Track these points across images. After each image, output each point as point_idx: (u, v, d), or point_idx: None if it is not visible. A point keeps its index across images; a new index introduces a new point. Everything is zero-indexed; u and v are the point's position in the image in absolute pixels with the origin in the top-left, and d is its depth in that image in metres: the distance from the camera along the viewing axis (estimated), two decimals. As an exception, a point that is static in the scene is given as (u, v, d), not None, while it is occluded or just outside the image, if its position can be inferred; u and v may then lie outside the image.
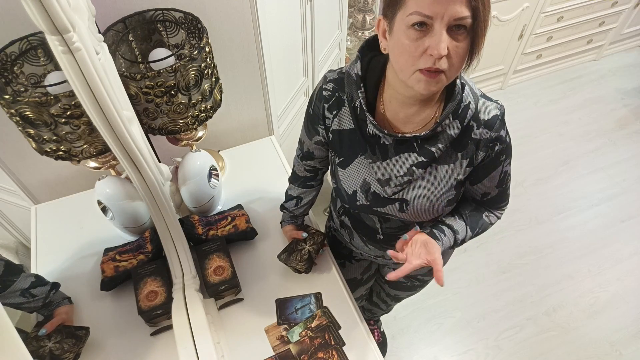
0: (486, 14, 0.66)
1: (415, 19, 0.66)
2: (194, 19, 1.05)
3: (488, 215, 0.97)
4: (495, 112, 0.81)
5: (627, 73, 3.16)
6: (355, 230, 1.08)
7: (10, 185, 1.31)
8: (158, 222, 1.05)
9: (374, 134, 0.85)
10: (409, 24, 0.67)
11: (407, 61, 0.70)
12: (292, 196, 1.17)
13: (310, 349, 1.06)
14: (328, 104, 0.90)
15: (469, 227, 0.94)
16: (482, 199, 0.94)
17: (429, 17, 0.65)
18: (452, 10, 0.64)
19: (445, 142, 0.82)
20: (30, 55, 0.98)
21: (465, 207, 0.97)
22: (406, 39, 0.68)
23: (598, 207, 2.41)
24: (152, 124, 1.05)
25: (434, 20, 0.65)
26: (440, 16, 0.64)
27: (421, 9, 0.65)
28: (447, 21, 0.65)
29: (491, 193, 0.93)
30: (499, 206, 0.98)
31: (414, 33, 0.67)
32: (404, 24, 0.68)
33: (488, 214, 0.97)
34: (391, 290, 1.39)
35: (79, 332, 1.02)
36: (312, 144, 1.00)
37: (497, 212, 0.99)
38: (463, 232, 0.93)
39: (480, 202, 0.96)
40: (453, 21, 0.65)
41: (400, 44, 0.70)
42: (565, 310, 2.03)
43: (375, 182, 0.90)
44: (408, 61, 0.70)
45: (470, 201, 0.97)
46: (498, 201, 0.96)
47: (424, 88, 0.72)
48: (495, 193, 0.93)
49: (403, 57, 0.71)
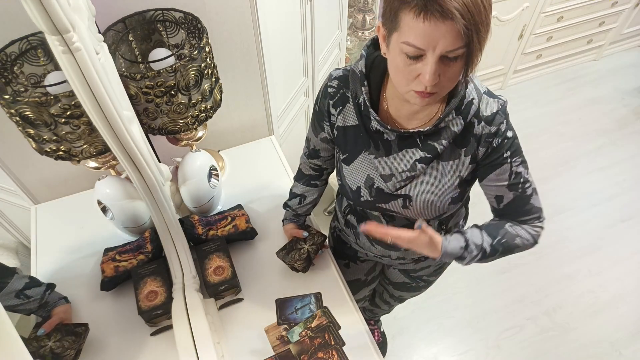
0: (482, 38, 0.65)
1: (407, 50, 0.67)
2: (194, 19, 1.05)
3: (512, 226, 0.89)
4: (496, 108, 0.81)
5: (627, 73, 3.16)
6: None
7: (10, 185, 1.31)
8: (158, 222, 1.05)
9: (377, 130, 0.86)
10: (401, 50, 0.68)
11: (401, 81, 0.73)
12: (296, 194, 1.17)
13: (310, 349, 1.06)
14: (333, 100, 0.91)
15: (484, 233, 0.87)
16: (499, 205, 0.89)
17: (420, 50, 0.66)
18: (444, 43, 0.64)
19: (448, 138, 0.82)
20: (30, 55, 0.98)
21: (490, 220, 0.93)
22: (400, 61, 0.70)
23: (598, 207, 2.41)
24: (152, 124, 1.05)
25: (426, 51, 0.66)
26: (432, 48, 0.65)
27: (413, 40, 0.65)
28: (438, 53, 0.65)
29: (505, 196, 0.87)
30: (527, 219, 0.89)
31: (407, 60, 0.68)
32: (398, 47, 0.69)
33: (512, 225, 0.89)
34: (395, 292, 1.38)
35: (78, 328, 1.02)
36: (318, 141, 1.01)
37: (528, 227, 0.89)
38: (477, 238, 0.87)
39: (499, 210, 0.91)
40: (445, 52, 0.65)
41: (395, 63, 0.72)
42: (565, 310, 2.03)
43: (379, 178, 0.91)
44: (402, 81, 0.72)
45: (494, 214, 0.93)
46: (521, 211, 0.88)
47: (419, 103, 0.74)
48: (511, 198, 0.87)
49: (397, 76, 0.73)
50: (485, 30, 0.65)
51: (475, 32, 0.63)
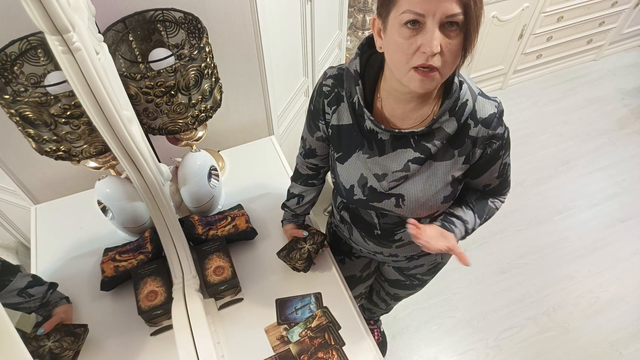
0: (478, 10, 0.67)
1: (408, 17, 0.67)
2: (194, 19, 1.05)
3: (493, 201, 1.00)
4: (493, 110, 0.82)
5: (627, 73, 3.16)
6: (354, 225, 1.09)
7: (10, 185, 1.31)
8: (158, 222, 1.05)
9: (371, 130, 0.87)
10: (401, 22, 0.68)
11: (401, 59, 0.72)
12: (294, 194, 1.17)
13: (310, 349, 1.06)
14: (328, 99, 0.92)
15: (477, 215, 0.97)
16: (485, 189, 0.97)
17: (420, 15, 0.66)
18: (443, 7, 0.65)
19: (442, 138, 0.83)
20: (30, 55, 0.98)
21: (470, 195, 0.99)
22: (399, 37, 0.70)
23: (598, 207, 2.41)
24: (152, 124, 1.05)
25: (425, 17, 0.66)
26: (432, 13, 0.66)
27: (413, 7, 0.66)
28: (438, 18, 0.66)
29: (492, 184, 0.95)
30: (502, 192, 1.01)
31: (407, 31, 0.68)
32: (397, 23, 0.69)
33: (493, 200, 1.00)
34: (391, 289, 1.39)
35: (77, 329, 1.02)
36: (313, 140, 1.02)
37: (501, 197, 1.02)
38: (472, 221, 0.96)
39: (483, 192, 0.99)
40: (445, 18, 0.66)
41: (394, 42, 0.71)
42: (565, 310, 2.03)
43: (372, 177, 0.91)
44: (402, 59, 0.71)
45: (473, 191, 1.00)
46: (500, 189, 0.99)
47: (419, 86, 0.73)
48: (497, 183, 0.95)
49: (397, 55, 0.72)
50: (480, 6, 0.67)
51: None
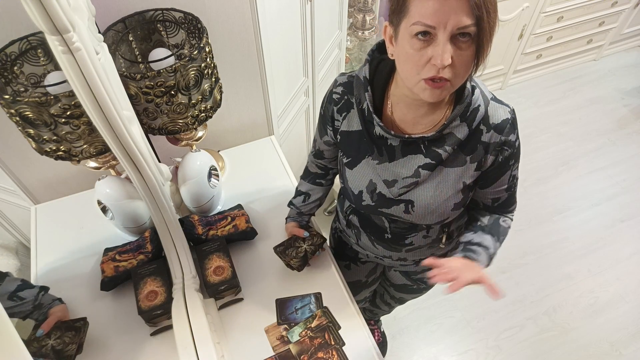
0: (492, 20, 0.65)
1: (418, 29, 0.66)
2: (194, 19, 1.05)
3: (504, 220, 0.96)
4: (506, 116, 0.81)
5: (627, 73, 3.16)
6: (363, 229, 1.08)
7: (10, 185, 1.31)
8: (158, 222, 1.05)
9: (380, 136, 0.86)
10: (412, 33, 0.67)
11: (411, 70, 0.71)
12: (301, 192, 1.18)
13: (310, 349, 1.06)
14: (337, 106, 0.92)
15: (494, 239, 0.93)
16: (493, 204, 0.94)
17: (431, 27, 0.65)
18: (455, 19, 0.63)
19: (453, 144, 0.82)
20: (30, 55, 0.98)
21: (482, 218, 0.96)
22: (410, 48, 0.69)
23: (598, 207, 2.41)
24: (152, 124, 1.05)
25: (436, 29, 0.65)
26: (443, 25, 0.64)
27: (423, 19, 0.65)
28: (450, 30, 0.64)
29: (501, 198, 0.93)
30: (509, 210, 0.97)
31: (418, 43, 0.67)
32: (407, 33, 0.68)
33: (503, 219, 0.97)
34: (396, 293, 1.38)
35: (77, 323, 1.02)
36: (322, 143, 1.03)
37: (509, 215, 0.98)
38: (492, 246, 0.91)
39: (492, 207, 0.96)
40: (456, 30, 0.64)
41: (404, 52, 0.70)
42: (565, 310, 2.03)
43: (382, 183, 0.90)
44: (412, 70, 0.70)
45: (482, 209, 0.97)
46: (507, 205, 0.95)
47: (429, 96, 0.72)
48: (505, 197, 0.93)
49: (407, 65, 0.71)
50: (494, 10, 0.65)
51: (485, 10, 0.63)
